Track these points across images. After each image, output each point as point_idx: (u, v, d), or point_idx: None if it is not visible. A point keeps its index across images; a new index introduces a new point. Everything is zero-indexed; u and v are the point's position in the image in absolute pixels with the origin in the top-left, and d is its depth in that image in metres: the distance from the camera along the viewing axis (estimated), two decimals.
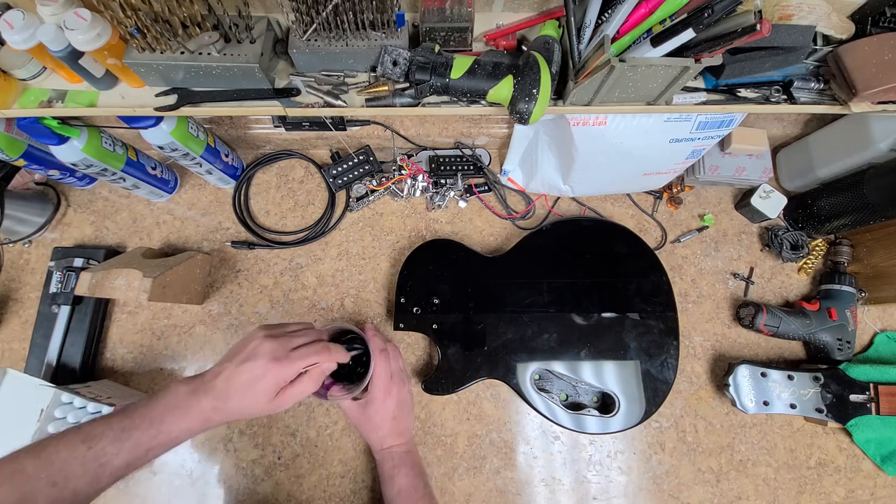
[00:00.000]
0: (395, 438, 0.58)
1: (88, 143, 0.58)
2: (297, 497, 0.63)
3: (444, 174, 0.76)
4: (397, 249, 0.74)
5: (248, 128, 0.73)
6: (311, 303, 0.71)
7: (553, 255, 0.70)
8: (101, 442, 0.42)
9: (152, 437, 0.43)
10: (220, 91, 0.52)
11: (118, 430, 0.43)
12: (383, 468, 0.58)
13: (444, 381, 0.64)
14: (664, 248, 0.77)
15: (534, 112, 0.47)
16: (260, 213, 0.76)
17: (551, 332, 0.66)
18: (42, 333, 0.66)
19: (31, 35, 0.45)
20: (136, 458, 0.43)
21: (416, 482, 0.57)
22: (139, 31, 0.44)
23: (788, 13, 0.49)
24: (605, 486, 0.66)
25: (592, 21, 0.46)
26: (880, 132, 0.64)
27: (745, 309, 0.71)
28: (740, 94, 0.55)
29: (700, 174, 0.74)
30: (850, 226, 0.70)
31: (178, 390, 0.46)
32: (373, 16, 0.47)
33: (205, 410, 0.45)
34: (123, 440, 0.42)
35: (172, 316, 0.70)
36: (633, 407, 0.64)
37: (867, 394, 0.66)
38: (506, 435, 0.67)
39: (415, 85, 0.50)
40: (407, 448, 0.59)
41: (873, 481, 0.68)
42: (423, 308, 0.66)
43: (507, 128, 0.75)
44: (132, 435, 0.43)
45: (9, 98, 0.51)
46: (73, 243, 0.72)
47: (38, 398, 0.58)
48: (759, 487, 0.67)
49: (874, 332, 0.74)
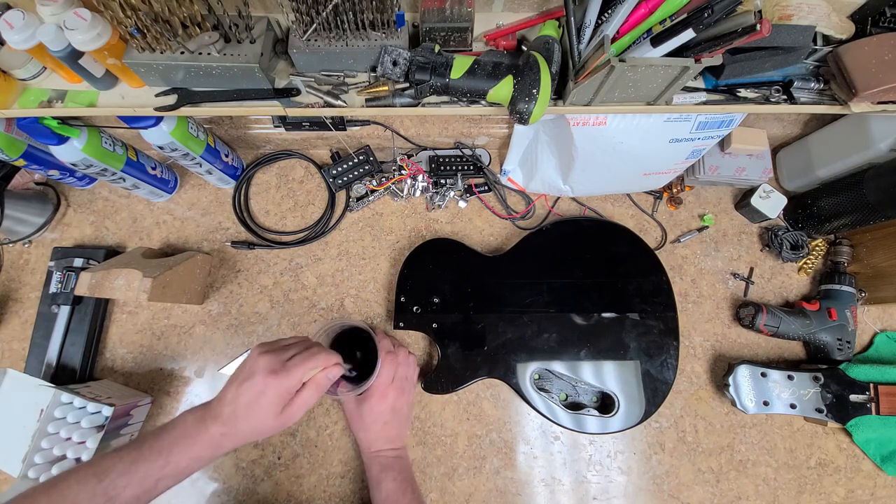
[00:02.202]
0: (384, 443, 0.59)
1: (88, 143, 0.58)
2: (297, 497, 0.63)
3: (444, 174, 0.76)
4: (397, 249, 0.74)
5: (248, 128, 0.73)
6: (311, 303, 0.71)
7: (553, 255, 0.70)
8: (111, 475, 0.42)
9: (161, 467, 0.43)
10: (220, 91, 0.52)
11: (128, 462, 0.43)
12: (371, 472, 0.58)
13: (443, 381, 0.64)
14: (664, 248, 0.77)
15: (534, 112, 0.47)
16: (260, 213, 0.76)
17: (551, 331, 0.66)
18: (42, 333, 0.66)
19: (31, 35, 0.45)
20: (145, 490, 0.43)
21: (403, 487, 0.56)
22: (139, 31, 0.44)
23: (788, 13, 0.49)
24: (605, 486, 0.66)
25: (592, 21, 0.46)
26: (880, 132, 0.64)
27: (745, 309, 0.71)
28: (740, 94, 0.55)
29: (700, 174, 0.74)
30: (850, 226, 0.70)
31: (186, 420, 0.46)
32: (373, 16, 0.47)
33: (213, 437, 0.45)
34: (132, 472, 0.42)
35: (172, 316, 0.70)
36: (633, 407, 0.64)
37: (867, 394, 0.66)
38: (506, 435, 0.67)
39: (415, 85, 0.50)
40: (397, 454, 0.59)
41: (873, 481, 0.68)
42: (423, 307, 0.66)
43: (507, 128, 0.75)
44: (141, 467, 0.43)
45: (9, 98, 0.51)
46: (72, 243, 0.72)
47: (37, 398, 0.58)
48: (759, 487, 0.67)
49: (874, 332, 0.74)
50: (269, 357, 0.47)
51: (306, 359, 0.48)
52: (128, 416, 0.61)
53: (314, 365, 0.48)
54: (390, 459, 0.58)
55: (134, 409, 0.62)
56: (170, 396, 0.67)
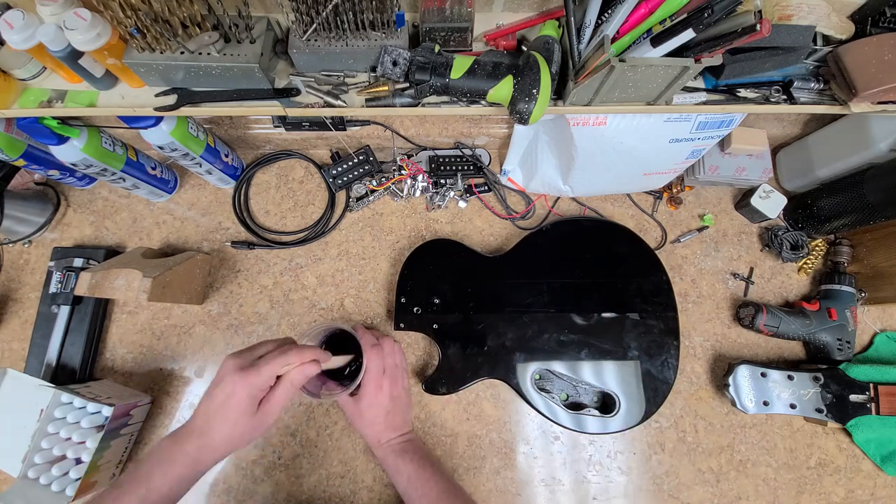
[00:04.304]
0: (391, 432, 0.58)
1: (88, 143, 0.58)
2: (297, 497, 0.63)
3: (444, 174, 0.76)
4: (397, 249, 0.74)
5: (248, 128, 0.73)
6: (311, 303, 0.71)
7: (553, 255, 0.70)
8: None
9: (143, 497, 0.42)
10: (220, 91, 0.52)
11: (111, 500, 0.42)
12: (387, 464, 0.57)
13: (444, 381, 0.64)
14: (664, 248, 0.77)
15: (534, 112, 0.47)
16: (260, 213, 0.76)
17: (551, 332, 0.66)
18: (42, 333, 0.66)
19: (30, 35, 0.45)
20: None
21: (422, 464, 0.56)
22: (139, 31, 0.44)
23: (788, 13, 0.49)
24: (605, 487, 0.66)
25: (592, 21, 0.46)
26: (880, 132, 0.64)
27: (745, 309, 0.71)
28: (740, 94, 0.55)
29: (700, 174, 0.74)
30: (850, 226, 0.70)
31: (162, 444, 0.45)
32: (373, 16, 0.47)
33: (190, 454, 0.44)
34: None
35: (172, 316, 0.70)
36: (634, 407, 0.64)
37: (867, 394, 0.66)
38: (506, 435, 0.67)
39: (415, 85, 0.50)
40: (406, 438, 0.59)
41: (873, 481, 0.68)
42: (423, 308, 0.66)
43: (507, 128, 0.75)
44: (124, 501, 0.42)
45: (9, 98, 0.51)
46: (72, 243, 0.72)
47: (37, 398, 0.58)
48: (759, 487, 0.67)
49: (874, 332, 0.74)
50: (238, 359, 0.46)
51: (277, 355, 0.47)
52: (128, 416, 0.61)
53: (287, 361, 0.47)
54: (402, 444, 0.58)
55: (134, 409, 0.62)
56: (170, 396, 0.67)
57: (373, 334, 0.60)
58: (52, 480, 0.55)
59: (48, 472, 0.55)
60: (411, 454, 0.57)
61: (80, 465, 0.57)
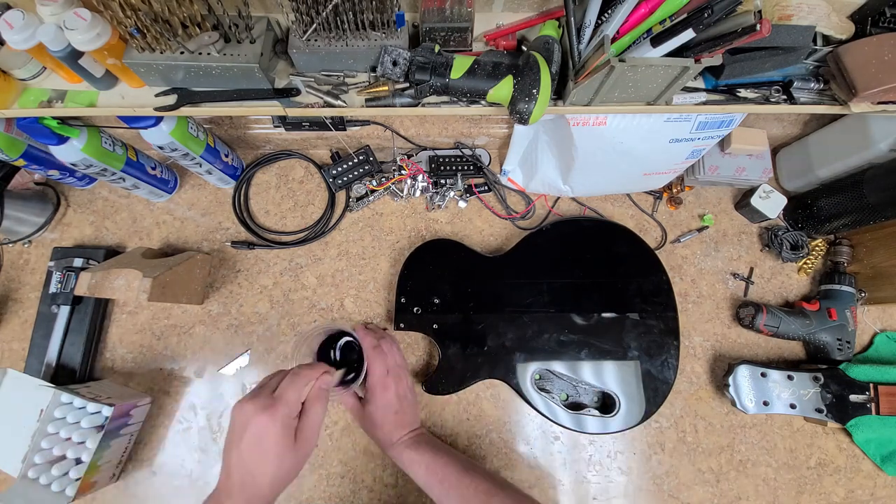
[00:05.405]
0: (402, 430, 0.58)
1: (88, 143, 0.58)
2: (297, 497, 0.63)
3: (444, 174, 0.76)
4: (397, 249, 0.74)
5: (248, 128, 0.73)
6: (311, 303, 0.71)
7: (553, 256, 0.70)
8: None
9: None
10: (220, 91, 0.52)
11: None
12: (402, 460, 0.56)
13: (444, 381, 0.64)
14: (664, 248, 0.77)
15: (534, 112, 0.47)
16: (260, 213, 0.76)
17: (551, 332, 0.66)
18: (42, 333, 0.66)
19: (30, 35, 0.45)
20: None
21: (438, 452, 0.56)
22: (139, 31, 0.44)
23: (788, 13, 0.49)
24: (605, 487, 0.66)
25: (592, 21, 0.46)
26: (880, 132, 0.64)
27: (745, 309, 0.71)
28: (740, 94, 0.55)
29: (700, 174, 0.74)
30: (850, 226, 0.70)
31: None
32: (373, 16, 0.47)
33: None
34: None
35: (172, 316, 0.70)
36: (634, 407, 0.64)
37: (867, 394, 0.66)
38: (506, 435, 0.67)
39: (415, 85, 0.50)
40: (418, 433, 0.59)
41: (873, 481, 0.68)
42: (423, 308, 0.66)
43: (507, 128, 0.75)
44: None
45: (9, 98, 0.51)
46: (72, 243, 0.72)
47: (37, 398, 0.58)
48: (759, 487, 0.67)
49: (874, 332, 0.74)
50: (254, 400, 0.44)
51: (292, 381, 0.45)
52: (127, 416, 0.61)
53: (303, 382, 0.46)
54: (415, 439, 0.58)
55: (134, 409, 0.62)
56: (170, 396, 0.67)
57: (372, 333, 0.60)
58: (52, 480, 0.55)
59: (48, 472, 0.55)
60: (425, 445, 0.57)
61: (79, 465, 0.57)
